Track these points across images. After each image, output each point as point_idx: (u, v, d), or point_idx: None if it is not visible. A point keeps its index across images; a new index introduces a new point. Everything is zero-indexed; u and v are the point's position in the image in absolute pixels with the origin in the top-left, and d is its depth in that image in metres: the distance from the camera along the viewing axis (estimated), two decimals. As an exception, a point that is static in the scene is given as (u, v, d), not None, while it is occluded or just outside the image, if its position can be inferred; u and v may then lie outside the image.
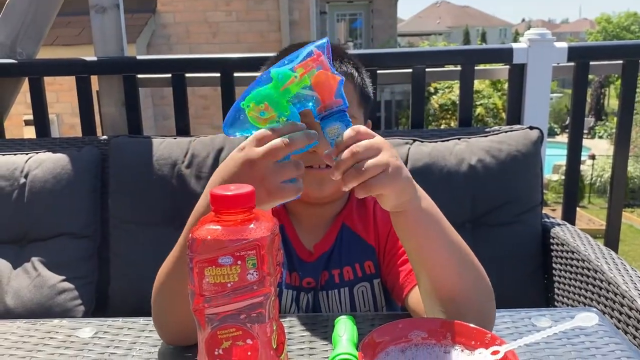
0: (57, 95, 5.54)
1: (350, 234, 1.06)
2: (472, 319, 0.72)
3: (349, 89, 1.00)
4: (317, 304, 1.04)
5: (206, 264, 0.57)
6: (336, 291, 1.04)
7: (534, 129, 1.58)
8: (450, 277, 0.80)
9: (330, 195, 1.02)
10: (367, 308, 1.05)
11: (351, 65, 1.03)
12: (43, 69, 1.89)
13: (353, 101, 1.01)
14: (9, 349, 0.85)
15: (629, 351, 0.80)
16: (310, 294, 1.04)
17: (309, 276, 1.04)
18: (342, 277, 1.04)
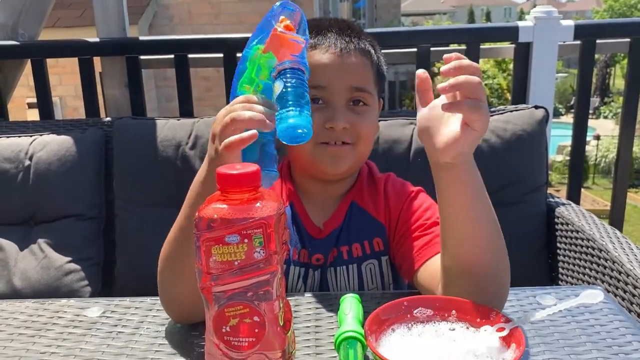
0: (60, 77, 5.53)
1: (359, 211, 1.06)
2: (491, 293, 0.74)
3: (367, 66, 1.01)
4: (325, 281, 1.04)
5: (213, 242, 0.57)
6: (344, 267, 1.04)
7: (539, 108, 1.57)
8: (483, 243, 0.80)
9: (344, 172, 1.02)
10: (374, 285, 1.05)
11: (368, 42, 1.03)
12: (45, 51, 1.88)
13: (370, 78, 1.01)
14: (18, 328, 0.86)
15: (634, 328, 0.80)
16: (318, 271, 1.04)
17: (319, 252, 1.04)
18: (350, 253, 1.04)
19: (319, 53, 0.98)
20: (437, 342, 0.65)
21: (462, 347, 0.63)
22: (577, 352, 0.74)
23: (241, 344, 0.59)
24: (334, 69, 0.97)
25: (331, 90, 0.97)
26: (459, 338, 0.65)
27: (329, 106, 0.98)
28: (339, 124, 0.96)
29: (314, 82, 0.94)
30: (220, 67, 1.81)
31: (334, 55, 0.97)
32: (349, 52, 0.98)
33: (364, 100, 1.00)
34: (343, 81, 0.97)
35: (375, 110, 1.04)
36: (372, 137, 1.03)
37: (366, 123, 1.00)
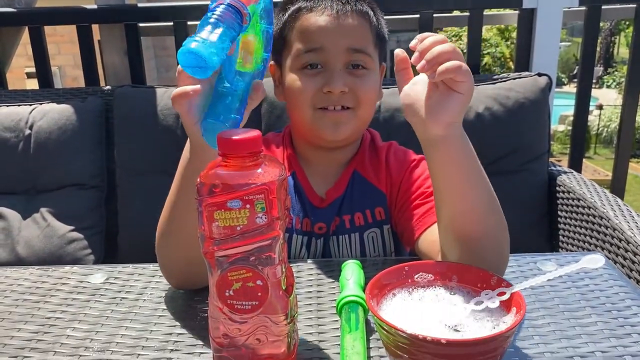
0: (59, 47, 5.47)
1: (361, 180, 1.05)
2: (489, 263, 0.73)
3: (365, 27, 0.98)
4: (328, 249, 1.04)
5: (215, 207, 0.57)
6: (347, 236, 1.04)
7: (542, 75, 1.56)
8: (477, 215, 0.78)
9: (345, 139, 1.01)
10: (376, 253, 1.06)
11: (367, 4, 1.01)
12: (43, 18, 1.85)
13: (369, 40, 0.99)
14: (23, 294, 0.86)
15: (633, 293, 0.81)
16: (320, 239, 1.05)
17: (321, 221, 1.04)
18: (352, 222, 1.04)
19: (314, 15, 0.96)
20: (438, 307, 0.65)
21: (462, 311, 0.63)
22: (577, 317, 0.75)
23: (244, 307, 0.60)
24: (331, 30, 0.95)
25: (328, 52, 0.95)
26: (460, 302, 0.66)
27: (326, 70, 0.96)
28: (336, 87, 0.94)
29: (310, 45, 0.95)
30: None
31: (330, 17, 0.95)
32: (345, 14, 0.96)
33: (363, 63, 0.97)
34: (340, 43, 0.95)
35: (376, 74, 1.01)
36: (373, 101, 1.01)
37: (366, 87, 0.97)
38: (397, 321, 0.59)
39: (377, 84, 1.02)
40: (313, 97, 0.96)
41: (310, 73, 0.97)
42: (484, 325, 0.61)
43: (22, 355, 0.71)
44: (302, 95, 0.97)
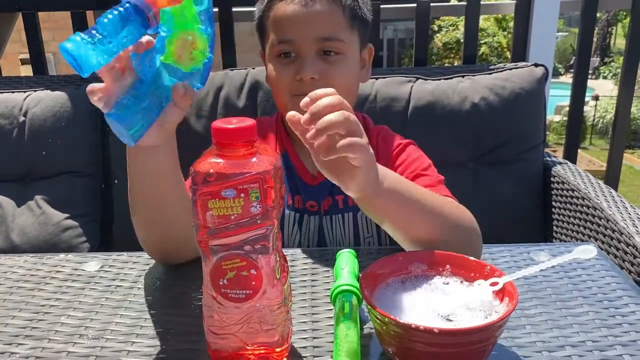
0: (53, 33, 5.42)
1: None
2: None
3: (335, 12, 0.97)
4: (322, 229, 1.05)
5: (209, 196, 0.58)
6: (340, 216, 1.05)
7: (539, 66, 1.55)
8: (426, 234, 0.80)
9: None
10: (370, 234, 1.07)
11: None
12: (36, 3, 1.83)
13: (341, 25, 0.98)
14: (17, 282, 0.87)
15: (625, 284, 0.81)
16: (314, 217, 1.05)
17: (312, 199, 1.05)
18: (346, 202, 1.05)
19: (283, 5, 0.97)
20: (431, 296, 0.66)
21: (455, 300, 0.64)
22: (569, 307, 0.76)
23: (238, 296, 0.60)
24: (298, 20, 0.96)
25: (298, 42, 0.97)
26: (453, 292, 0.66)
27: (298, 57, 0.98)
28: (306, 74, 0.95)
29: (281, 36, 0.98)
30: (216, 22, 1.77)
31: (297, 6, 0.96)
32: (313, 1, 0.96)
33: (335, 49, 0.98)
34: (309, 33, 0.96)
35: (352, 58, 1.01)
36: (349, 86, 1.01)
37: (339, 72, 0.98)
38: (390, 310, 0.60)
39: (354, 68, 1.02)
40: (288, 84, 0.98)
41: (285, 61, 0.99)
42: (476, 315, 0.62)
43: (16, 342, 0.71)
44: (279, 83, 1.00)
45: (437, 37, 11.60)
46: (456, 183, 1.51)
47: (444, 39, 11.59)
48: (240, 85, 1.54)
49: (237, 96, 1.53)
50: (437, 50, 11.54)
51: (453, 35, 11.44)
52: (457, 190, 1.49)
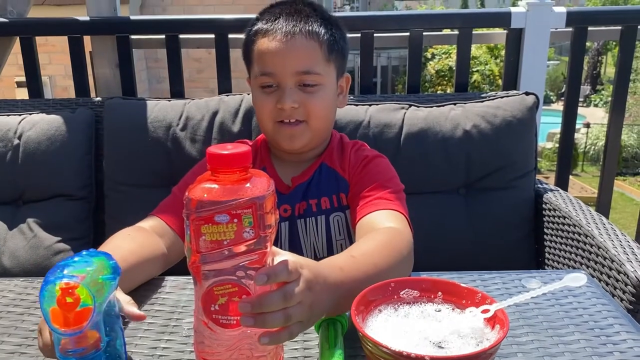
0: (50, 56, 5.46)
1: (328, 170, 1.15)
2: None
3: (312, 48, 1.05)
4: (295, 231, 1.12)
5: (203, 221, 0.58)
6: (313, 219, 1.12)
7: (529, 94, 1.58)
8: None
9: (300, 147, 1.10)
10: (342, 237, 1.13)
11: (318, 23, 1.07)
12: (34, 29, 1.85)
13: (317, 59, 1.06)
14: (7, 306, 0.86)
15: (616, 312, 0.82)
16: (286, 223, 1.12)
17: (286, 204, 1.12)
18: (319, 206, 1.12)
19: (267, 40, 1.05)
20: (422, 323, 0.66)
21: (447, 327, 0.64)
22: (560, 334, 0.76)
23: (230, 322, 0.60)
24: (279, 55, 1.04)
25: (278, 75, 1.05)
26: (445, 319, 0.66)
27: (279, 88, 1.06)
28: (286, 104, 1.04)
29: (264, 69, 1.06)
30: (212, 48, 1.80)
31: (279, 42, 1.04)
32: (293, 37, 1.04)
33: (312, 81, 1.06)
34: (288, 67, 1.04)
35: (329, 88, 1.09)
36: (325, 113, 1.10)
37: (317, 101, 1.06)
38: (382, 338, 0.59)
39: (330, 96, 1.10)
40: (271, 112, 1.07)
41: (267, 91, 1.07)
42: (467, 342, 0.62)
43: (4, 368, 0.70)
44: (262, 110, 1.08)
45: (430, 65, 11.74)
46: (448, 209, 1.53)
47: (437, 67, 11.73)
48: (235, 111, 1.55)
49: (232, 121, 1.54)
50: (430, 78, 11.66)
51: (446, 63, 11.58)
52: (448, 217, 1.51)
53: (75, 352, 0.60)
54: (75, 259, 0.61)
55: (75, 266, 0.60)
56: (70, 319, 0.58)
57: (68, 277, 0.57)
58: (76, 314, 0.58)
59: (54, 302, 0.57)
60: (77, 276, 0.58)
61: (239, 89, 1.66)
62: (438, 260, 1.25)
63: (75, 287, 0.57)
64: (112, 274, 0.63)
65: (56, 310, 0.57)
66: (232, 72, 1.80)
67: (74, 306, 0.57)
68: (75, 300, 0.57)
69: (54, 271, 0.58)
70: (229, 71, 1.79)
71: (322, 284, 0.67)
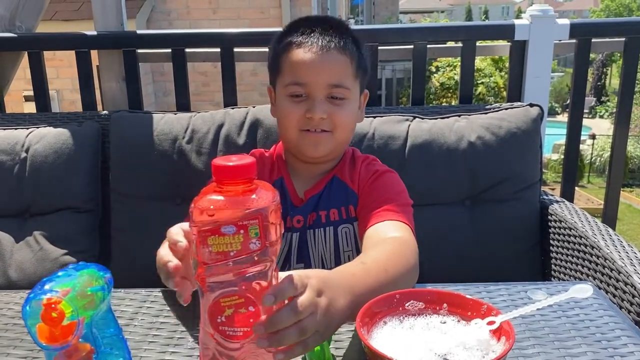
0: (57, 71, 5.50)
1: (339, 183, 1.17)
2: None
3: (345, 63, 1.09)
4: (305, 242, 1.14)
5: (209, 233, 0.58)
6: (322, 230, 1.15)
7: (534, 106, 1.58)
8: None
9: (324, 155, 1.14)
10: (349, 248, 1.15)
11: (350, 40, 1.11)
12: (42, 43, 1.88)
13: (348, 74, 1.10)
14: (12, 319, 0.86)
15: (623, 323, 0.81)
16: (297, 234, 1.14)
17: (299, 215, 1.15)
18: (328, 217, 1.15)
19: (302, 52, 1.08)
20: (428, 335, 0.66)
21: (452, 339, 0.64)
22: (567, 347, 0.75)
23: (236, 334, 0.60)
24: (313, 68, 1.07)
25: (311, 86, 1.08)
26: (450, 331, 0.66)
27: (309, 98, 1.09)
28: (316, 114, 1.07)
29: (296, 79, 1.09)
30: (218, 62, 1.81)
31: (314, 55, 1.07)
32: (329, 51, 1.07)
33: (341, 95, 1.10)
34: (321, 79, 1.08)
35: (354, 102, 1.13)
36: (349, 125, 1.14)
37: (343, 113, 1.10)
38: (387, 350, 0.59)
39: (354, 110, 1.14)
40: (298, 120, 1.10)
41: (297, 100, 1.10)
42: (473, 354, 0.61)
43: (10, 380, 0.70)
44: (289, 118, 1.11)
45: (434, 77, 11.76)
46: (453, 221, 1.53)
47: (441, 79, 11.75)
48: (240, 123, 1.56)
49: (237, 134, 1.55)
50: (434, 90, 11.68)
51: (450, 76, 11.60)
52: (453, 228, 1.51)
53: None
54: (59, 274, 0.62)
55: (57, 281, 0.60)
56: (56, 333, 0.58)
57: (50, 292, 0.58)
58: (62, 328, 0.58)
59: (38, 318, 0.57)
60: (58, 291, 0.58)
61: (244, 102, 1.67)
62: (443, 272, 1.25)
63: (58, 302, 0.57)
64: (103, 284, 0.64)
65: (42, 327, 0.58)
66: (237, 86, 1.81)
67: (59, 321, 0.58)
68: (59, 315, 0.57)
69: (35, 288, 0.59)
70: (234, 84, 1.81)
71: (333, 289, 0.68)
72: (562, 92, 17.35)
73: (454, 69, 11.42)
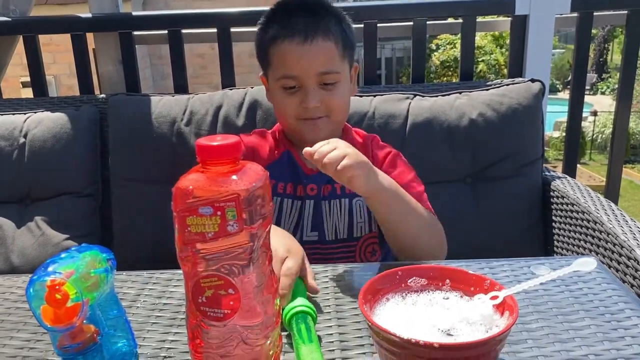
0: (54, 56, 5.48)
1: None
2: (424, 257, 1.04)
3: (331, 48, 1.11)
4: (320, 212, 1.18)
5: (187, 213, 0.57)
6: (337, 201, 1.18)
7: (535, 81, 1.56)
8: (410, 237, 1.06)
9: (324, 138, 1.15)
10: (362, 220, 1.19)
11: (333, 19, 1.13)
12: (37, 27, 1.85)
13: (335, 58, 1.12)
14: (15, 302, 0.86)
15: (626, 297, 0.81)
16: (311, 202, 1.18)
17: (312, 183, 1.18)
18: (343, 189, 1.18)
19: (287, 44, 1.10)
20: (431, 311, 0.65)
21: (455, 315, 0.63)
22: (570, 320, 0.75)
23: (217, 315, 0.59)
24: (302, 59, 1.09)
25: (301, 77, 1.11)
26: (453, 306, 0.66)
27: (302, 88, 1.12)
28: (310, 103, 1.11)
29: (286, 72, 1.11)
30: (215, 44, 1.79)
31: (299, 47, 1.09)
32: (314, 40, 1.09)
33: (332, 80, 1.12)
34: (309, 69, 1.10)
35: (345, 82, 1.16)
36: (344, 106, 1.18)
37: (337, 97, 1.14)
38: (390, 326, 0.59)
39: (347, 90, 1.17)
40: (294, 111, 1.14)
41: (290, 92, 1.13)
42: (477, 329, 0.61)
43: (14, 363, 0.70)
44: (285, 109, 1.15)
45: (434, 56, 11.68)
46: (455, 199, 1.52)
47: (442, 57, 11.66)
48: (239, 105, 1.55)
49: (236, 115, 1.54)
50: (434, 69, 11.60)
51: (450, 54, 11.52)
52: (456, 206, 1.50)
53: (72, 347, 0.60)
54: (62, 256, 0.62)
55: (60, 263, 0.60)
56: (61, 315, 0.58)
57: (53, 274, 0.57)
58: (67, 309, 0.58)
59: (42, 300, 0.57)
60: (62, 273, 0.58)
61: (242, 84, 1.65)
62: (446, 249, 1.25)
63: (61, 284, 0.57)
64: (106, 266, 0.64)
65: (46, 308, 0.58)
66: (235, 68, 1.79)
67: (63, 302, 0.57)
68: (63, 297, 0.57)
69: (38, 270, 0.59)
70: (232, 66, 1.79)
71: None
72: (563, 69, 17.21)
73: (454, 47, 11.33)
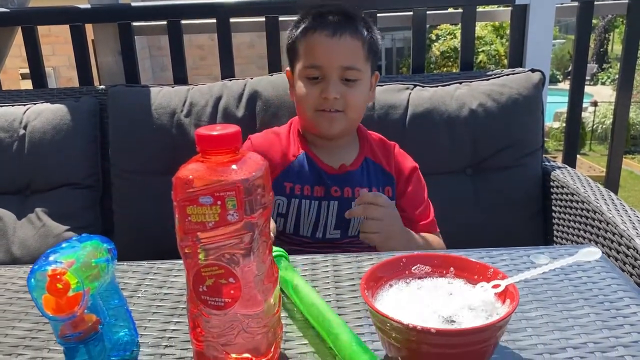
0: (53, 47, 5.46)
1: (373, 164, 1.26)
2: None
3: (357, 47, 1.17)
4: (342, 213, 1.20)
5: (188, 202, 0.57)
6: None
7: (535, 71, 1.56)
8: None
9: (338, 133, 1.22)
10: None
11: (363, 24, 1.19)
12: (36, 18, 1.84)
13: (360, 57, 1.17)
14: (17, 293, 0.86)
15: (626, 286, 0.81)
16: (334, 202, 1.21)
17: (336, 185, 1.22)
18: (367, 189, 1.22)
19: (317, 36, 1.16)
20: (433, 297, 0.66)
21: (457, 302, 0.64)
22: (570, 309, 0.75)
23: (217, 304, 0.60)
24: (328, 51, 1.15)
25: (325, 68, 1.16)
26: (455, 293, 0.66)
27: (324, 80, 1.16)
28: (330, 94, 1.15)
29: (312, 62, 1.17)
30: (215, 34, 1.78)
31: (328, 39, 1.15)
32: (342, 35, 1.15)
33: (354, 76, 1.17)
34: (335, 61, 1.15)
35: (365, 83, 1.20)
36: (361, 105, 1.22)
37: (356, 94, 1.18)
38: (392, 312, 0.59)
39: (366, 90, 1.22)
40: (314, 101, 1.18)
41: (312, 82, 1.18)
42: (478, 316, 0.61)
43: (16, 352, 0.71)
44: (306, 99, 1.19)
45: (434, 46, 11.64)
46: (455, 189, 1.52)
47: (442, 48, 11.63)
48: (239, 96, 1.55)
49: (235, 106, 1.54)
50: (434, 59, 11.57)
51: (450, 44, 11.48)
52: (456, 196, 1.51)
53: (73, 336, 0.61)
54: (63, 246, 0.62)
55: (61, 253, 0.60)
56: (62, 304, 0.58)
57: (54, 264, 0.58)
58: (68, 299, 0.58)
59: (43, 289, 0.58)
60: (63, 262, 0.58)
61: (242, 75, 1.65)
62: (446, 239, 1.25)
63: (63, 273, 0.57)
64: (107, 256, 0.64)
65: (48, 298, 0.58)
66: (235, 59, 1.79)
67: (65, 292, 0.58)
68: (64, 286, 0.58)
69: (40, 260, 0.59)
70: (231, 57, 1.78)
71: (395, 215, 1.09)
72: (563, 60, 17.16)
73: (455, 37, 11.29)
